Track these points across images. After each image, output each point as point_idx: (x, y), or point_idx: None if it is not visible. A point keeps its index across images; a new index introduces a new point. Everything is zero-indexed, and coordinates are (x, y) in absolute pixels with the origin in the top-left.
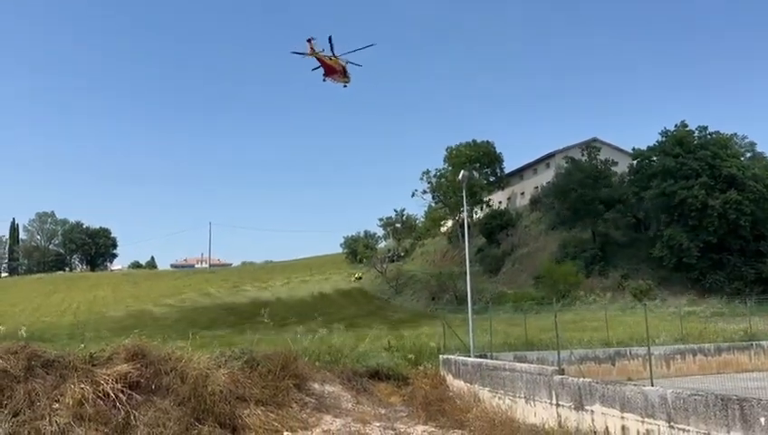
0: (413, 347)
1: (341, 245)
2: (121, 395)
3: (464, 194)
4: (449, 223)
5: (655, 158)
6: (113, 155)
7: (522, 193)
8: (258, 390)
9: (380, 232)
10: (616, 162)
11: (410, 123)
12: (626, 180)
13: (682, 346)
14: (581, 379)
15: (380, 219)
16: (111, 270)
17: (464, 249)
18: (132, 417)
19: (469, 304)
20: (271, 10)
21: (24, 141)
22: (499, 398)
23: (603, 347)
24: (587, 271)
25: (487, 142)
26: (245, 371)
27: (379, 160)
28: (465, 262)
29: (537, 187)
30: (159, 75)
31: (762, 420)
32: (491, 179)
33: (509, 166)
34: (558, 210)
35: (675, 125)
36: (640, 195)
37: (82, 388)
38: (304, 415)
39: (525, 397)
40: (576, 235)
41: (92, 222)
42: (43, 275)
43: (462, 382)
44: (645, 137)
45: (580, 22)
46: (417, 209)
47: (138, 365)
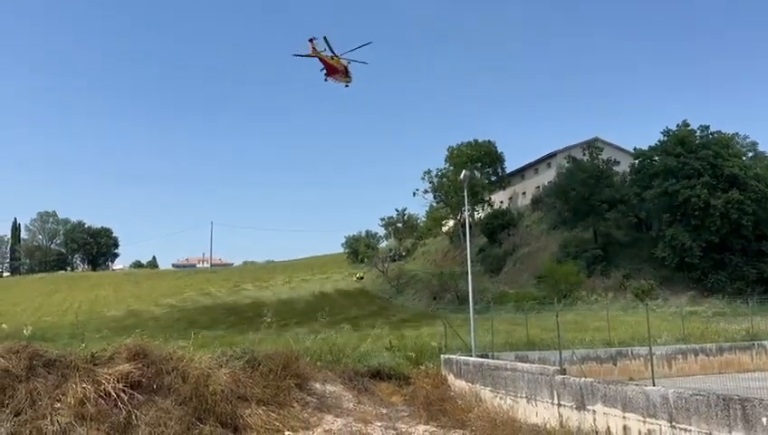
0: (414, 347)
1: (343, 244)
2: (123, 395)
3: (465, 193)
4: (451, 223)
5: (657, 157)
6: (114, 155)
7: (523, 193)
8: (259, 389)
9: (382, 232)
10: (618, 162)
11: (411, 123)
12: (627, 180)
13: (684, 346)
14: (583, 379)
15: (382, 219)
16: (113, 270)
17: (465, 249)
18: (134, 416)
19: (471, 304)
20: (271, 10)
21: (25, 141)
22: (500, 398)
23: (605, 347)
24: (588, 271)
25: (489, 142)
26: (247, 370)
27: (380, 160)
28: (466, 262)
29: (539, 186)
30: (159, 75)
31: (764, 420)
32: (492, 179)
33: (510, 165)
34: (559, 210)
35: (676, 125)
36: (642, 195)
37: (84, 387)
38: (306, 415)
39: (527, 397)
40: (578, 234)
41: (94, 222)
42: (45, 275)
43: (463, 382)
44: (646, 136)
45: (580, 22)
46: (418, 209)
47: (139, 365)
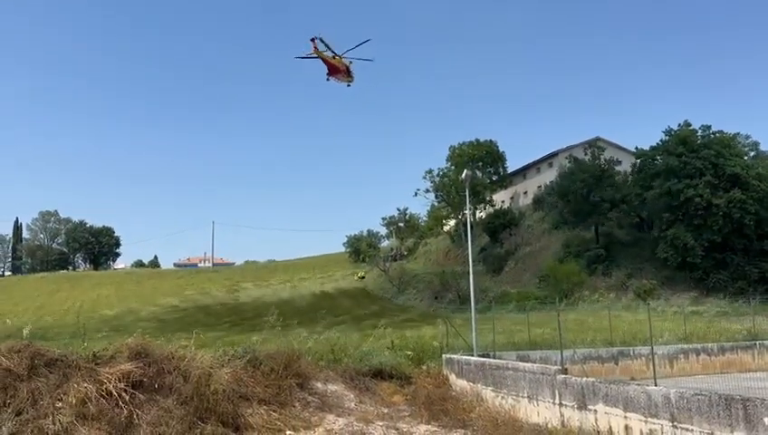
0: (416, 346)
1: (344, 244)
2: (124, 394)
3: (467, 193)
4: (452, 222)
5: (658, 157)
6: (115, 155)
7: (525, 192)
8: (261, 389)
9: (383, 231)
10: (619, 161)
11: (412, 123)
12: (629, 180)
13: (685, 346)
14: (584, 378)
15: (383, 218)
16: (115, 269)
17: (467, 248)
18: (135, 416)
19: (472, 304)
20: (271, 10)
21: (25, 141)
22: (502, 397)
23: (606, 347)
24: (590, 270)
25: (490, 141)
26: (248, 370)
27: (381, 160)
28: (467, 261)
29: (540, 186)
30: (159, 75)
31: (765, 420)
32: (494, 179)
33: (512, 165)
34: (561, 210)
35: (678, 124)
36: (644, 194)
37: (85, 387)
38: (307, 414)
39: (528, 396)
40: (579, 234)
41: (96, 221)
42: (47, 274)
43: (465, 382)
44: (648, 136)
45: (580, 22)
46: (419, 208)
47: (141, 364)
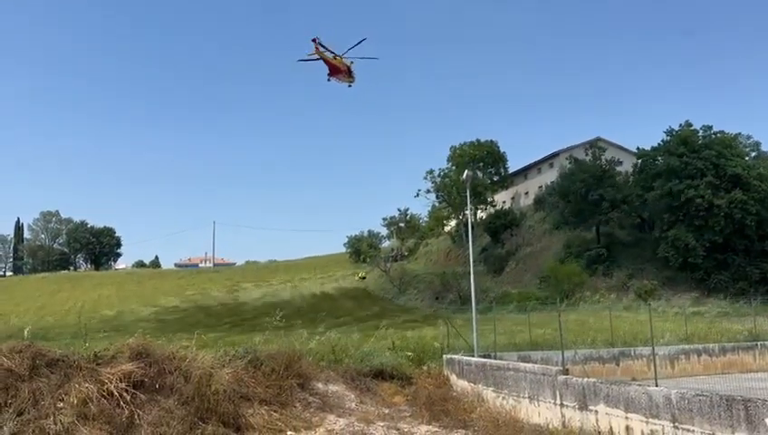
0: (417, 347)
1: (345, 244)
2: (125, 394)
3: (467, 193)
4: (453, 222)
5: (659, 157)
6: (116, 155)
7: (526, 193)
8: (262, 389)
9: (384, 231)
10: (620, 161)
11: (412, 123)
12: (630, 180)
13: (686, 346)
14: (585, 379)
15: (384, 219)
16: (116, 269)
17: (467, 249)
18: (136, 416)
19: (473, 304)
20: (271, 10)
21: (26, 141)
22: (503, 398)
23: (607, 347)
24: (591, 271)
25: (491, 142)
26: (249, 370)
27: (382, 160)
28: (468, 261)
29: (541, 186)
30: (159, 75)
31: (767, 421)
32: (495, 179)
33: (513, 165)
34: (562, 210)
35: (679, 124)
36: (645, 195)
37: (87, 387)
38: (308, 414)
39: (529, 397)
40: (580, 234)
41: (97, 221)
42: (48, 275)
43: (466, 382)
44: (649, 136)
45: (581, 22)
46: (420, 209)
47: (142, 364)
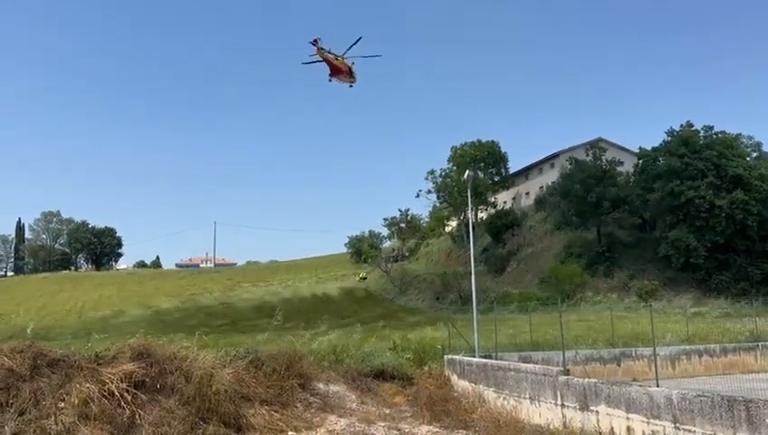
0: (418, 347)
1: (346, 244)
2: (126, 394)
3: (468, 194)
4: (454, 223)
5: (660, 158)
6: (117, 155)
7: (527, 193)
8: (263, 389)
9: (385, 232)
10: (621, 162)
11: (412, 123)
12: (631, 180)
13: (687, 347)
14: (586, 379)
15: (385, 219)
16: (117, 269)
17: (468, 249)
18: (137, 416)
19: (474, 304)
20: (271, 10)
21: (26, 141)
22: (504, 398)
23: (608, 348)
24: (592, 271)
25: (492, 142)
26: (250, 370)
27: (382, 160)
28: (469, 262)
29: (542, 187)
30: (159, 75)
31: None
32: (496, 179)
33: (514, 166)
34: (563, 210)
35: (680, 125)
36: (646, 195)
37: (88, 387)
38: (309, 415)
39: (530, 397)
40: (581, 235)
41: (98, 222)
42: (49, 275)
43: (467, 383)
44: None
45: (581, 22)
46: (421, 209)
47: (143, 364)
